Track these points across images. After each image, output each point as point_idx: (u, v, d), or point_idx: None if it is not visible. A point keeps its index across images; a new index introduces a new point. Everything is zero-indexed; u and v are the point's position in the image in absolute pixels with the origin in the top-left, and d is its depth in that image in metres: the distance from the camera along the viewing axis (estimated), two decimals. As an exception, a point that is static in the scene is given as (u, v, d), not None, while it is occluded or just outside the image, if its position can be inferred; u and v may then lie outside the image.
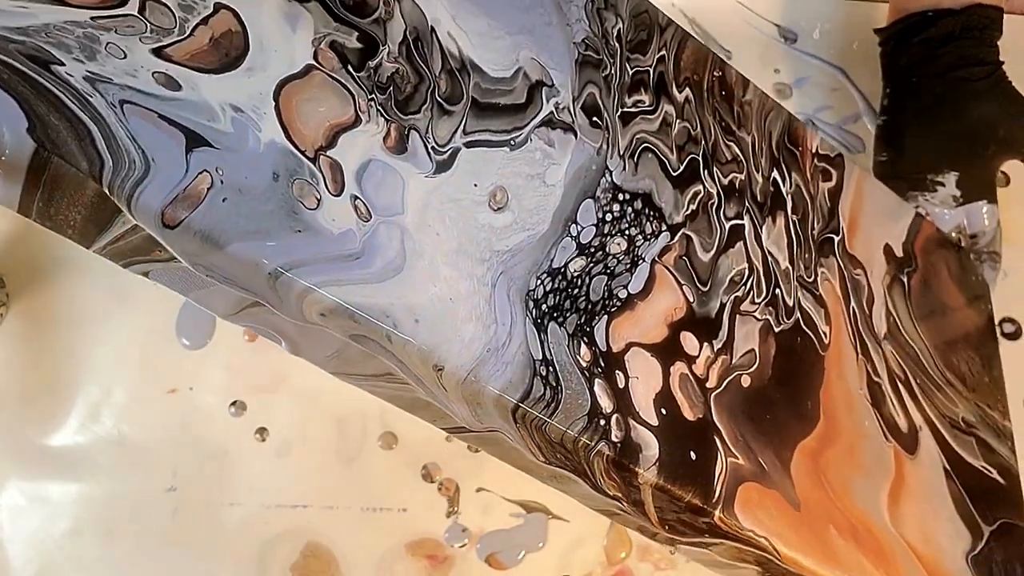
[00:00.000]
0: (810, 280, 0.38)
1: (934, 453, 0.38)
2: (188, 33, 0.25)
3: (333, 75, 0.28)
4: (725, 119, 0.40)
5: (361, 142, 0.27)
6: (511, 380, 0.27)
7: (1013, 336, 0.51)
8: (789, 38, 0.58)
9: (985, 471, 0.40)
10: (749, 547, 0.30)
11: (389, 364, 0.26)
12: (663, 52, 0.39)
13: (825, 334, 0.37)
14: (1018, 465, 0.42)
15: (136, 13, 0.24)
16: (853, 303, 0.39)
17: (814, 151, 0.43)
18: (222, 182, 0.24)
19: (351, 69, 0.28)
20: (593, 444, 0.27)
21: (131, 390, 0.46)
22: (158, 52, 0.24)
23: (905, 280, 0.43)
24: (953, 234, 0.49)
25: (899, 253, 0.44)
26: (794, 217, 0.40)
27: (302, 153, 0.26)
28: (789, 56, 0.58)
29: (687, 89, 0.39)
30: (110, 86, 0.23)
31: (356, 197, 0.26)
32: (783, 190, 0.40)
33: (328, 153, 0.26)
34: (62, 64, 0.22)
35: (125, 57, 0.24)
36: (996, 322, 0.48)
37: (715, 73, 0.41)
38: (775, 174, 0.40)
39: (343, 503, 0.46)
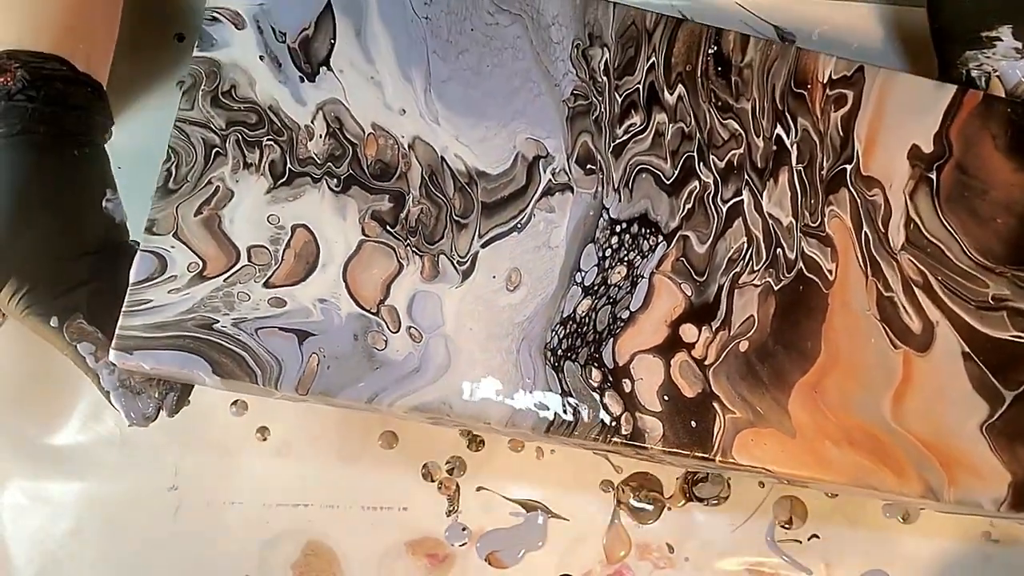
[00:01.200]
0: (815, 224, 0.45)
1: (952, 341, 0.45)
2: (280, 260, 0.40)
3: (379, 240, 0.41)
4: (721, 97, 0.46)
5: (406, 283, 0.41)
6: (539, 418, 0.40)
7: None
8: (788, 39, 0.59)
9: (1016, 339, 0.46)
10: (747, 472, 0.42)
11: (452, 424, 0.41)
12: (652, 59, 0.46)
13: (830, 272, 0.45)
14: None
15: (247, 262, 0.39)
16: (866, 228, 0.46)
17: (826, 80, 0.48)
18: (324, 356, 0.39)
19: (388, 228, 0.41)
20: (607, 441, 0.41)
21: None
22: (266, 284, 0.39)
23: (934, 176, 0.47)
24: (1022, 86, 0.51)
25: (929, 148, 0.48)
26: (799, 167, 0.46)
27: (368, 312, 0.40)
28: None
29: (679, 86, 0.46)
30: (246, 322, 0.39)
31: (410, 327, 0.40)
32: (787, 143, 0.46)
33: (386, 303, 0.40)
34: (217, 321, 0.38)
35: (249, 299, 0.39)
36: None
37: (709, 51, 0.47)
38: (778, 130, 0.46)
39: (344, 502, 0.48)
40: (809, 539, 0.49)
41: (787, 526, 0.50)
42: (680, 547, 0.49)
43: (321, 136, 0.41)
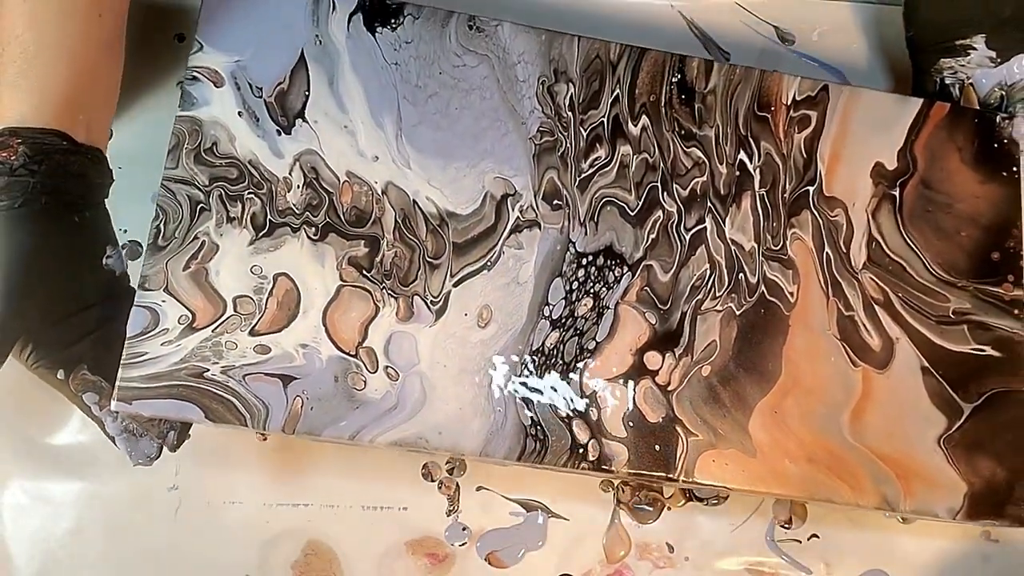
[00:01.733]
0: (777, 248, 0.47)
1: (912, 357, 0.47)
2: (264, 308, 0.43)
3: (356, 284, 0.44)
4: (685, 125, 0.48)
5: (383, 325, 0.43)
6: (510, 447, 0.43)
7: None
8: (788, 39, 0.59)
9: (975, 352, 0.47)
10: (708, 489, 0.45)
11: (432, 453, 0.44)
12: (616, 91, 0.48)
13: (792, 294, 0.47)
14: (1024, 330, 0.48)
15: (233, 312, 0.42)
16: (827, 249, 0.47)
17: (789, 102, 0.49)
18: (307, 399, 0.42)
19: (365, 272, 0.44)
20: (575, 466, 0.44)
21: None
22: (252, 332, 0.42)
23: (897, 192, 0.49)
24: (994, 94, 0.51)
25: (892, 165, 0.49)
26: (762, 191, 0.48)
27: (348, 354, 0.43)
28: (787, 57, 0.58)
29: (643, 117, 0.48)
30: (234, 369, 0.42)
31: (387, 367, 0.43)
32: (750, 168, 0.48)
33: (364, 345, 0.43)
34: (208, 369, 0.42)
35: (236, 347, 0.42)
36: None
37: (673, 79, 0.48)
38: (741, 155, 0.48)
39: (344, 502, 0.48)
40: (809, 539, 0.50)
41: (787, 526, 0.51)
42: (680, 547, 0.50)
43: (299, 187, 0.44)
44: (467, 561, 0.48)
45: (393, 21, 0.46)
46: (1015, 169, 0.50)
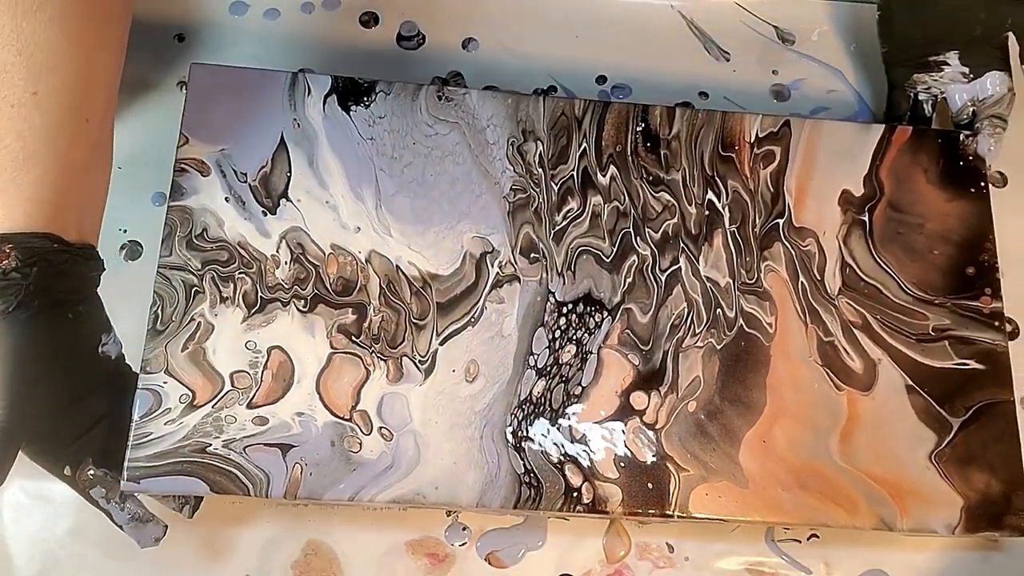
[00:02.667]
0: (752, 281, 0.49)
1: (895, 377, 0.48)
2: (260, 381, 0.45)
3: (346, 351, 0.46)
4: (652, 171, 0.50)
5: (374, 387, 0.45)
6: (506, 496, 0.44)
7: (1012, 336, 0.54)
8: (787, 39, 0.61)
9: (959, 368, 0.48)
10: (704, 523, 0.46)
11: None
12: (584, 145, 0.50)
13: (770, 325, 0.48)
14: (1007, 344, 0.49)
15: (231, 387, 0.44)
16: (802, 278, 0.49)
17: (752, 140, 0.51)
18: (306, 465, 0.44)
19: (354, 338, 0.46)
20: (571, 510, 0.45)
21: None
22: (250, 405, 0.44)
23: (866, 218, 0.50)
24: (966, 110, 0.53)
25: (859, 191, 0.50)
26: (732, 228, 0.49)
27: (342, 418, 0.45)
28: (787, 57, 0.60)
29: (611, 167, 0.49)
30: (235, 442, 0.44)
31: (381, 427, 0.45)
32: (719, 206, 0.49)
33: (357, 408, 0.45)
34: (210, 444, 0.44)
35: (236, 420, 0.44)
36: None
37: (637, 129, 0.50)
38: (709, 195, 0.50)
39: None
40: (809, 539, 0.50)
41: (787, 526, 0.51)
42: (680, 547, 0.50)
43: (286, 263, 0.46)
44: (467, 561, 0.48)
45: (366, 99, 0.49)
46: (983, 184, 0.51)
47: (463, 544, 0.48)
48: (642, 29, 0.60)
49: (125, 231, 0.53)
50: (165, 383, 0.44)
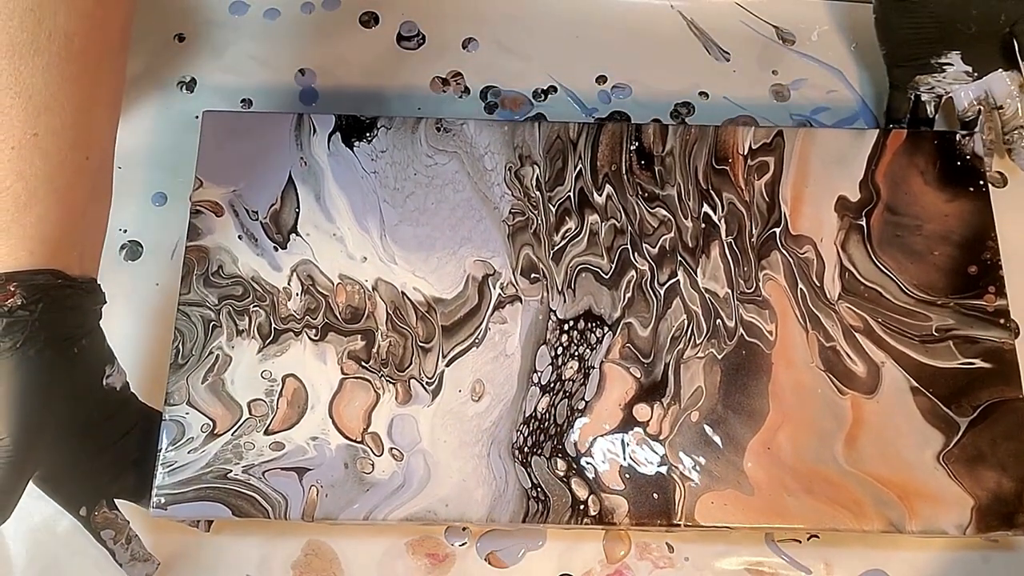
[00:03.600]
0: (751, 290, 0.49)
1: (899, 379, 0.48)
2: (276, 409, 0.47)
3: (356, 376, 0.48)
4: (647, 188, 0.51)
5: (384, 410, 0.47)
6: (514, 511, 0.46)
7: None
8: (787, 39, 0.61)
9: (964, 367, 0.48)
10: (710, 531, 0.46)
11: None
12: (579, 166, 0.51)
13: (771, 333, 0.49)
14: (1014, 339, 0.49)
15: (249, 415, 0.47)
16: (801, 285, 0.49)
17: (746, 152, 0.52)
18: (321, 487, 0.46)
19: (363, 364, 0.48)
20: (579, 522, 0.46)
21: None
22: (267, 431, 0.47)
23: (864, 222, 0.51)
24: (972, 108, 0.53)
25: (856, 196, 0.51)
26: (729, 239, 0.50)
27: (354, 441, 0.47)
28: (787, 57, 0.60)
29: (607, 186, 0.51)
30: (254, 468, 0.46)
31: (392, 448, 0.47)
32: (715, 219, 0.50)
33: (369, 431, 0.47)
34: (231, 471, 0.46)
35: (254, 447, 0.46)
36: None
37: (631, 147, 0.52)
38: (705, 208, 0.51)
39: None
40: (809, 539, 0.50)
41: (794, 534, 0.50)
42: (680, 547, 0.50)
43: (297, 294, 0.49)
44: (467, 561, 0.48)
45: (368, 134, 0.51)
46: (982, 183, 0.51)
47: (463, 544, 0.49)
48: (642, 29, 0.61)
49: (125, 231, 0.54)
50: (187, 414, 0.46)
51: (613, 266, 0.49)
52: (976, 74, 0.54)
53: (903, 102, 0.56)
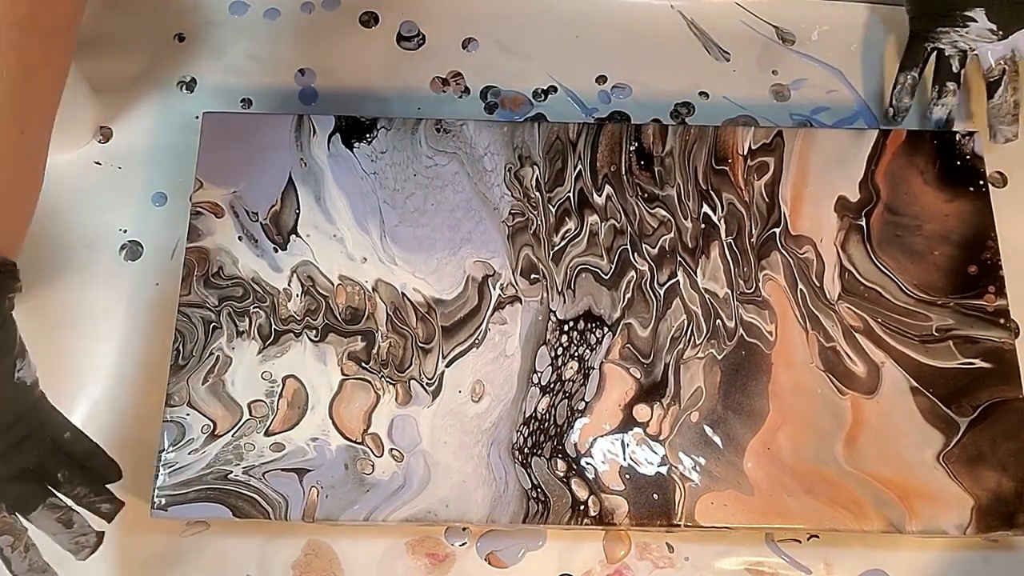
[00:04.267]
0: (751, 291, 0.49)
1: (899, 379, 0.48)
2: (276, 410, 0.47)
3: (356, 377, 0.48)
4: (647, 189, 0.51)
5: (384, 411, 0.47)
6: (514, 511, 0.46)
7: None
8: (787, 39, 0.61)
9: (964, 367, 0.48)
10: (711, 531, 0.46)
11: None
12: (579, 167, 0.51)
13: (771, 333, 0.49)
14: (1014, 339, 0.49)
15: (249, 416, 0.47)
16: (801, 285, 0.49)
17: (745, 152, 0.52)
18: (321, 488, 0.46)
19: (364, 365, 0.48)
20: (579, 523, 0.46)
21: (131, 388, 0.47)
22: (267, 432, 0.47)
23: (863, 222, 0.50)
24: (997, 68, 0.53)
25: (855, 197, 0.51)
26: (729, 240, 0.50)
27: (355, 442, 0.47)
28: (787, 57, 0.60)
29: (607, 187, 0.51)
30: (254, 469, 0.46)
31: (392, 449, 0.47)
32: (714, 219, 0.50)
33: (369, 432, 0.47)
34: (231, 471, 0.46)
35: (254, 448, 0.46)
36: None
37: (631, 148, 0.52)
38: (705, 208, 0.51)
39: None
40: (809, 539, 0.50)
41: (794, 534, 0.50)
42: (680, 547, 0.50)
43: (297, 295, 0.49)
44: (467, 561, 0.48)
45: (368, 135, 0.51)
46: (982, 183, 0.51)
47: (463, 544, 0.49)
48: (642, 29, 0.61)
49: (125, 231, 0.54)
50: (188, 415, 0.46)
51: (613, 267, 0.49)
52: (1000, 33, 0.53)
53: (919, 52, 0.55)
